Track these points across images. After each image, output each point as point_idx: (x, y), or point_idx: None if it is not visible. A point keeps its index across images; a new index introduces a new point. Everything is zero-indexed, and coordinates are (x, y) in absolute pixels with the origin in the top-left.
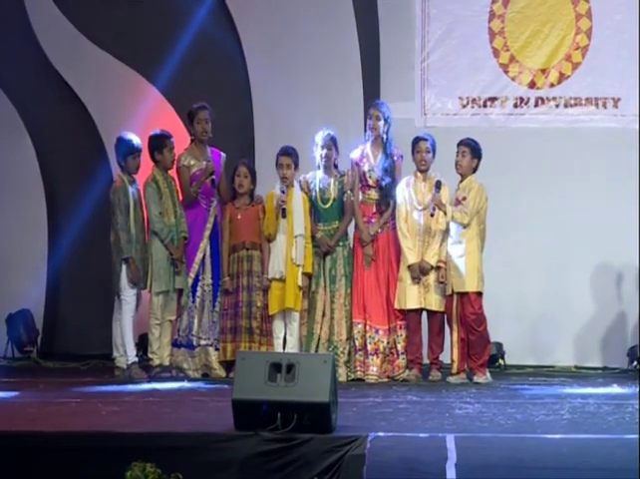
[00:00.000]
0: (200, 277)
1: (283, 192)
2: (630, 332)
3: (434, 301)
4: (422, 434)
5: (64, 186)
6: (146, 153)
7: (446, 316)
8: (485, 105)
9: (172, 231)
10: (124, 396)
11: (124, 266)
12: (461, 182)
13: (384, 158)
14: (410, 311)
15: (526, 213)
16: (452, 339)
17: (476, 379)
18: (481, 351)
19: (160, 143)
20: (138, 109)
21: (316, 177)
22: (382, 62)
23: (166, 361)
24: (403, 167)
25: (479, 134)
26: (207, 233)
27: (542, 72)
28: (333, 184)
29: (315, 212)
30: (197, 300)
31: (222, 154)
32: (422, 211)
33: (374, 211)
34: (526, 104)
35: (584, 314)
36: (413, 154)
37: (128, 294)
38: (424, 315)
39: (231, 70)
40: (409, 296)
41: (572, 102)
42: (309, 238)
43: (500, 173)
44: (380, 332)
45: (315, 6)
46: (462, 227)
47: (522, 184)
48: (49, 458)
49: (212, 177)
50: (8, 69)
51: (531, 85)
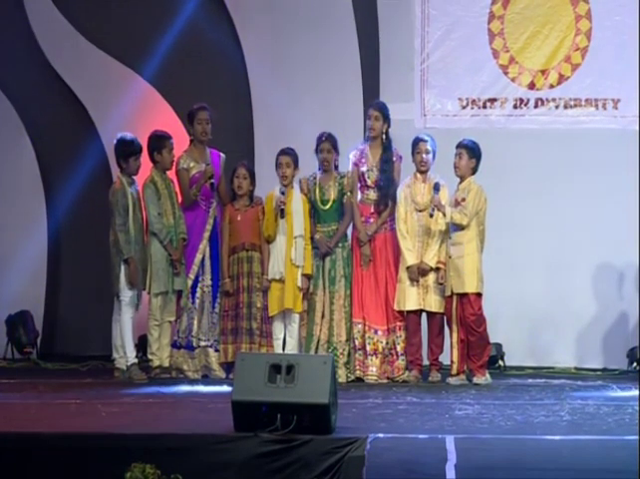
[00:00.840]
0: (200, 279)
1: (282, 193)
2: (630, 334)
3: (433, 303)
4: (421, 435)
5: (63, 186)
6: (144, 153)
7: (445, 317)
8: (485, 106)
9: (171, 231)
10: (123, 397)
11: (123, 267)
12: (460, 183)
13: (383, 158)
14: (409, 312)
15: (526, 213)
16: (451, 340)
17: (475, 380)
18: (481, 352)
19: (160, 143)
20: (137, 109)
21: (316, 178)
22: (381, 63)
23: (166, 362)
24: (402, 168)
25: (478, 135)
26: (207, 234)
27: (542, 73)
28: (333, 185)
29: (315, 213)
30: (197, 302)
31: (222, 155)
32: (421, 212)
33: (372, 211)
34: (526, 105)
35: (584, 316)
36: (413, 155)
37: (126, 295)
38: (423, 316)
39: (231, 71)
40: (408, 298)
41: (572, 103)
42: (309, 239)
43: (500, 174)
44: (379, 333)
45: (314, 7)
46: (461, 228)
47: (522, 185)
48: (49, 459)
49: (212, 180)
50: (7, 69)
51: (531, 86)
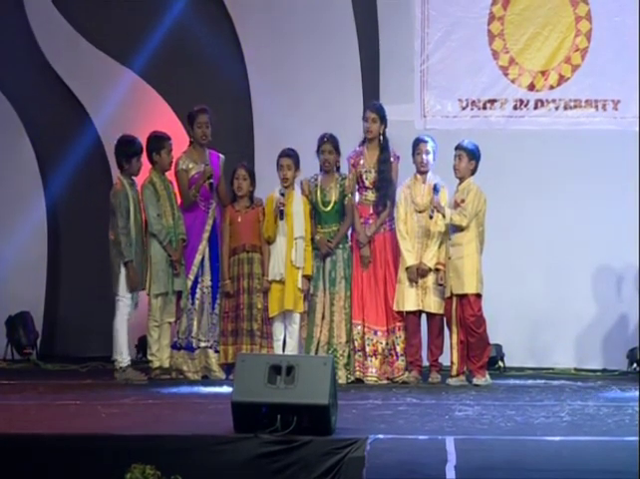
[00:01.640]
0: (200, 280)
1: (282, 194)
2: (630, 334)
3: (432, 304)
4: (421, 436)
5: (63, 187)
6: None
7: (445, 319)
8: (485, 107)
9: (171, 232)
10: (123, 399)
11: (122, 269)
12: (459, 184)
13: (380, 159)
14: (408, 313)
15: (526, 215)
16: (451, 341)
17: (475, 381)
18: (481, 353)
19: (159, 144)
20: (136, 110)
21: (317, 179)
22: (381, 64)
23: (166, 363)
24: (402, 168)
25: (478, 136)
26: (206, 235)
27: (542, 74)
28: (334, 187)
29: (316, 214)
30: (197, 303)
31: (221, 156)
32: (421, 213)
33: (371, 212)
34: (526, 106)
35: (584, 316)
36: (413, 155)
37: (124, 297)
38: (423, 317)
39: (231, 71)
40: (407, 298)
41: (572, 104)
42: (309, 240)
43: (500, 175)
44: (378, 334)
45: (314, 8)
46: (460, 229)
47: (522, 186)
48: (49, 460)
49: (211, 180)
50: (6, 69)
51: (531, 87)
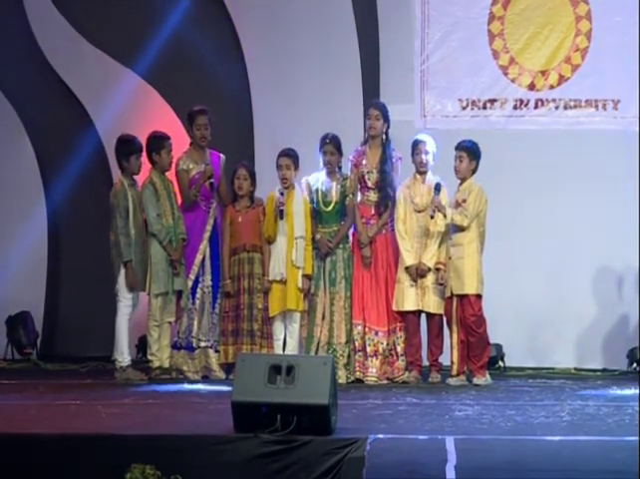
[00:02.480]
0: (200, 279)
1: (282, 194)
2: (630, 334)
3: (431, 303)
4: (421, 436)
5: (63, 187)
6: (143, 154)
7: (445, 318)
8: (485, 107)
9: (171, 232)
10: (123, 398)
11: (122, 269)
12: (460, 184)
13: (382, 159)
14: (408, 313)
15: (526, 214)
16: (451, 341)
17: (475, 381)
18: (481, 353)
19: (159, 144)
20: (136, 110)
21: (318, 179)
22: (381, 64)
23: (166, 363)
24: (402, 168)
25: (478, 136)
26: (207, 234)
27: (542, 74)
28: (335, 187)
29: (317, 214)
30: (197, 302)
31: (222, 156)
32: (420, 212)
33: (372, 212)
34: (526, 106)
35: (584, 316)
36: (412, 155)
37: (125, 297)
38: (423, 317)
39: (231, 72)
40: (406, 298)
41: (572, 104)
42: (309, 240)
43: (500, 175)
44: (379, 334)
45: (315, 8)
46: (461, 229)
47: (522, 186)
48: (49, 460)
49: (211, 180)
50: (6, 69)
51: (531, 87)
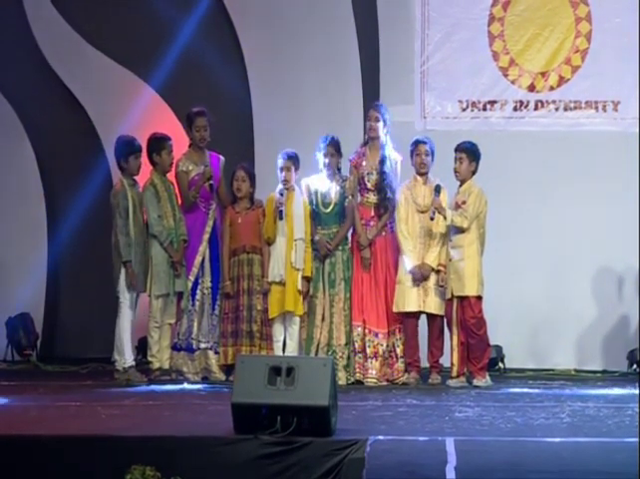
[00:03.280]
0: (200, 281)
1: (282, 194)
2: (630, 336)
3: (433, 305)
4: (421, 437)
5: (63, 189)
6: (144, 155)
7: (445, 320)
8: (485, 108)
9: (172, 233)
10: (123, 399)
11: (122, 270)
12: (460, 186)
13: (382, 160)
14: (407, 314)
15: (526, 216)
16: (451, 343)
17: (475, 383)
18: (481, 355)
19: (159, 145)
20: (136, 111)
21: (318, 181)
22: (381, 65)
23: (166, 365)
24: (402, 170)
25: (478, 137)
26: (207, 236)
27: (542, 75)
28: (335, 188)
29: (316, 216)
30: (197, 304)
31: (221, 157)
32: (421, 214)
33: (372, 214)
34: (526, 107)
35: (584, 318)
36: (412, 157)
37: (126, 298)
38: (423, 319)
39: (231, 73)
40: (408, 299)
41: (572, 105)
42: (309, 241)
43: (500, 176)
44: (379, 336)
45: (315, 9)
46: (461, 230)
47: (522, 187)
48: (49, 462)
49: (210, 182)
50: (7, 72)
51: (531, 88)
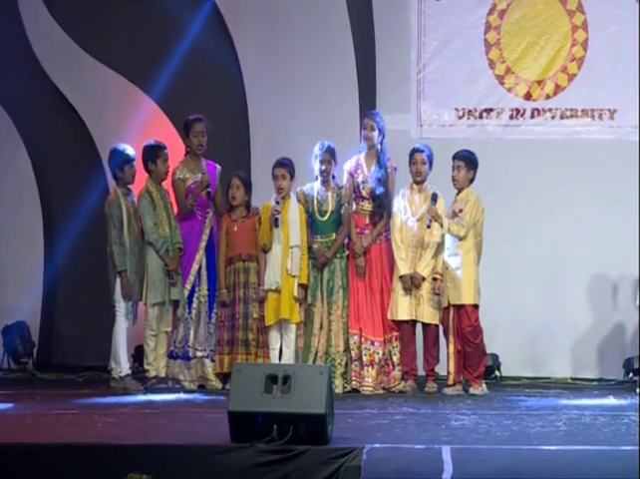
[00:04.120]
0: (196, 289)
1: (277, 202)
2: (626, 344)
3: (426, 313)
4: (418, 446)
5: (60, 197)
6: (139, 163)
7: (442, 328)
8: (481, 116)
9: (167, 241)
10: (120, 408)
11: (117, 280)
12: (457, 194)
13: (378, 169)
14: (403, 322)
15: (522, 224)
16: (448, 351)
17: (472, 391)
18: (478, 363)
19: (155, 153)
20: (133, 120)
21: (314, 189)
22: (378, 73)
23: (162, 373)
24: (398, 178)
25: (474, 145)
26: (203, 244)
27: (538, 83)
28: (331, 196)
29: (313, 224)
30: (194, 312)
31: (217, 166)
32: (416, 222)
33: (367, 222)
34: (522, 115)
35: (580, 326)
36: (409, 165)
37: (121, 307)
38: (419, 327)
39: (227, 81)
40: (400, 308)
41: (568, 113)
42: (305, 249)
43: (496, 184)
44: (375, 344)
45: (311, 18)
46: (458, 239)
47: (518, 195)
48: (45, 470)
49: (208, 189)
50: (4, 80)
51: (527, 96)
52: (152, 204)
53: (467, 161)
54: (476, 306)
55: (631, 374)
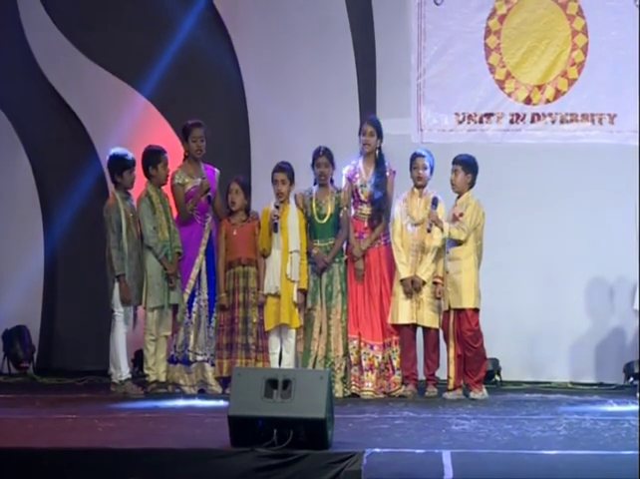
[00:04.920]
0: (197, 293)
1: (277, 207)
2: (626, 348)
3: (426, 317)
4: (418, 450)
5: (60, 201)
6: (139, 168)
7: (442, 333)
8: (482, 121)
9: (167, 246)
10: (120, 412)
11: (116, 284)
12: (458, 198)
13: (376, 173)
14: (403, 327)
15: (522, 228)
16: (448, 356)
17: (472, 395)
18: (478, 367)
19: (155, 158)
20: (133, 124)
21: (312, 193)
22: (378, 78)
23: (163, 377)
24: (399, 182)
25: (475, 150)
26: (203, 248)
27: (538, 88)
28: (329, 200)
29: (311, 228)
30: (194, 316)
31: (216, 170)
32: (416, 226)
33: (365, 226)
34: (522, 120)
35: (580, 330)
36: (410, 170)
37: (120, 311)
38: (419, 331)
39: (227, 85)
40: (401, 312)
41: (568, 118)
42: (304, 254)
43: (496, 189)
44: (374, 348)
45: (311, 22)
46: (459, 243)
47: (518, 200)
48: (46, 475)
49: (208, 194)
50: (5, 85)
51: (527, 101)
52: (151, 208)
53: (464, 165)
54: (476, 310)
55: (631, 379)
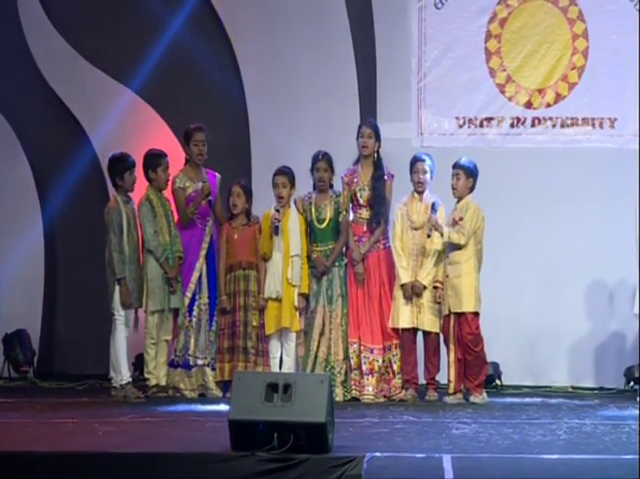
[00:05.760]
0: (197, 297)
1: (277, 210)
2: (627, 353)
3: (426, 322)
4: (418, 454)
5: (59, 203)
6: (140, 172)
7: (443, 337)
8: (482, 125)
9: (167, 249)
10: (120, 416)
11: (116, 287)
12: (457, 202)
13: (374, 177)
14: (404, 331)
15: (522, 232)
16: (448, 360)
17: (472, 399)
18: (478, 372)
19: (155, 161)
20: (133, 127)
21: (312, 197)
22: (378, 82)
23: (163, 381)
24: (399, 186)
25: (475, 154)
26: (204, 252)
27: (539, 92)
28: (329, 204)
29: (311, 232)
30: (194, 320)
31: (217, 174)
32: (416, 230)
33: (364, 229)
34: (523, 124)
35: (581, 335)
36: (410, 174)
37: (120, 314)
38: (419, 335)
39: (228, 90)
40: (401, 316)
41: (569, 122)
42: (305, 258)
43: (497, 193)
44: (374, 352)
45: (312, 27)
46: (458, 247)
47: (518, 204)
48: None
49: (209, 197)
50: (3, 87)
51: (528, 105)
52: (152, 211)
53: (466, 169)
54: (476, 314)
55: (632, 383)
